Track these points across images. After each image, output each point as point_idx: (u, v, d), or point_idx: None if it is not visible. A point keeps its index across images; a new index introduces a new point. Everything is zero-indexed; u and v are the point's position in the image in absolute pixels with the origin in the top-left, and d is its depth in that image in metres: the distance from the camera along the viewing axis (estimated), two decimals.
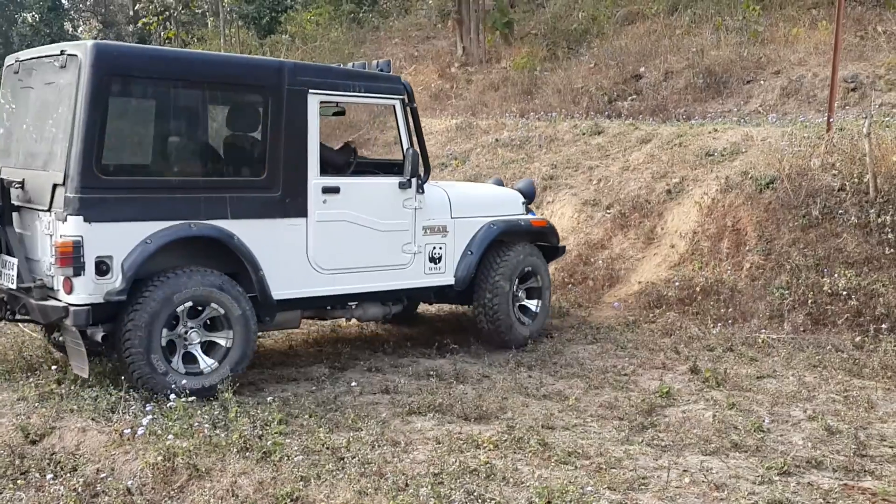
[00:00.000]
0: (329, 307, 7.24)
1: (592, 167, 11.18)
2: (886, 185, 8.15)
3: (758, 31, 14.66)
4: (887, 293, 7.71)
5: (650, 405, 6.07)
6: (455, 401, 6.02)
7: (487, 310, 7.80)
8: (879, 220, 8.02)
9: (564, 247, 8.89)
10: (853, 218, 8.19)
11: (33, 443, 5.40)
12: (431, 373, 6.91)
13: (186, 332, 6.18)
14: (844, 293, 7.88)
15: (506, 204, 8.24)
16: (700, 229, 9.31)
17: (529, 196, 8.60)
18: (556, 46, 17.22)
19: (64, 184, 5.73)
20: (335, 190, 6.86)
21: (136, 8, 27.48)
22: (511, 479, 4.69)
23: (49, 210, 5.87)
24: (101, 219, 5.77)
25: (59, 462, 5.14)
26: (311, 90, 6.71)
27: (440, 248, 7.59)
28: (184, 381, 5.97)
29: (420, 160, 7.29)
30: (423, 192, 7.39)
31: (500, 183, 9.01)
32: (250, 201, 6.43)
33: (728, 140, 10.38)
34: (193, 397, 5.80)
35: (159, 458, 4.92)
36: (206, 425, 5.36)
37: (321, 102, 6.83)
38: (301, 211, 6.68)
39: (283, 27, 22.72)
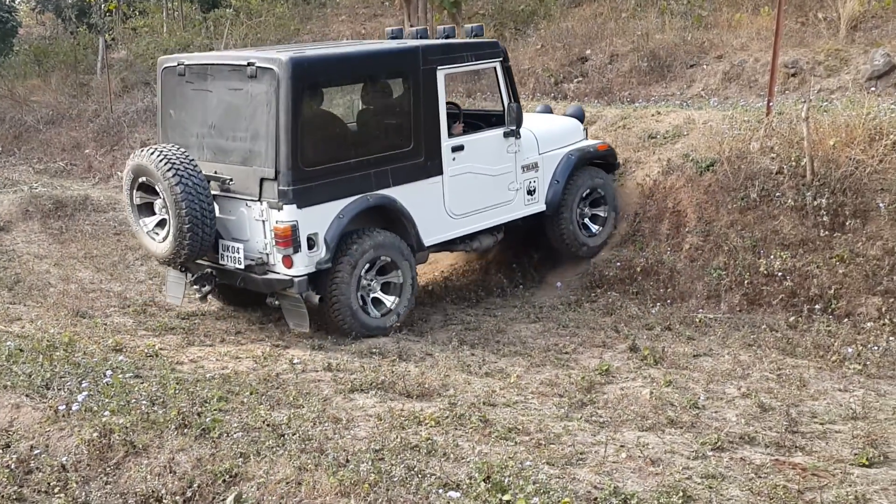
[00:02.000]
0: (456, 243, 8.47)
1: None
2: (823, 168, 8.30)
3: (702, 15, 14.80)
4: (821, 274, 7.88)
5: (590, 382, 6.15)
6: (398, 378, 6.05)
7: (558, 227, 9.08)
8: (815, 203, 8.17)
9: (619, 164, 9.80)
10: (790, 200, 8.33)
11: None
12: (374, 350, 6.93)
13: (369, 283, 7.54)
14: (779, 274, 8.03)
15: (573, 133, 9.40)
16: (641, 211, 9.41)
17: (581, 120, 9.72)
18: (503, 27, 17.22)
19: (275, 178, 6.88)
20: (461, 148, 8.05)
21: None
22: (451, 455, 4.72)
23: (259, 200, 7.00)
24: (308, 203, 6.98)
25: None
26: (438, 66, 7.83)
27: (534, 181, 8.81)
28: (370, 322, 7.46)
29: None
30: (519, 136, 8.52)
31: (549, 109, 10.40)
32: (404, 169, 7.63)
33: (670, 123, 10.48)
34: (376, 336, 7.33)
35: (95, 434, 4.88)
36: (144, 402, 5.32)
37: (445, 75, 7.93)
38: (438, 170, 7.89)
39: (227, 1, 22.39)
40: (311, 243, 7.06)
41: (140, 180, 7.23)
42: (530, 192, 8.78)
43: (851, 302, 7.67)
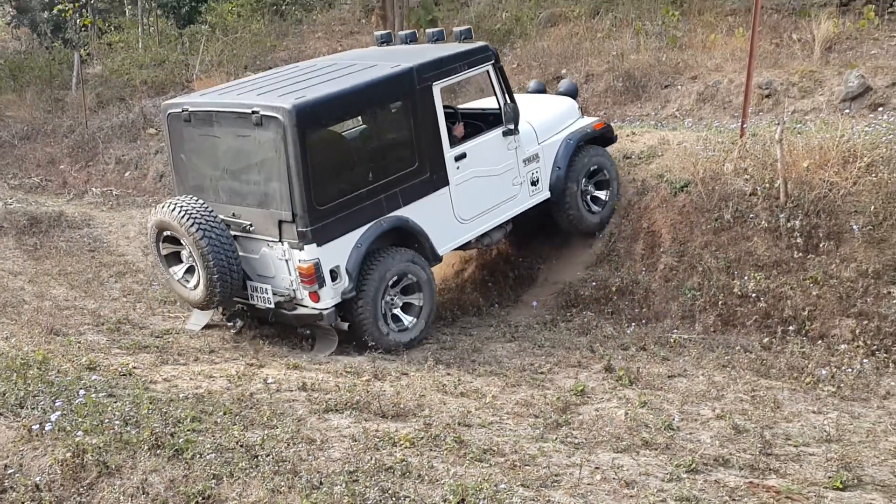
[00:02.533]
0: (469, 243, 8.71)
1: None
2: (796, 190, 8.37)
3: (676, 36, 14.92)
4: (795, 296, 7.94)
5: (565, 403, 6.14)
6: (373, 398, 6.01)
7: (564, 211, 9.30)
8: (789, 225, 8.24)
9: (617, 136, 10.07)
10: (763, 222, 8.40)
11: None
12: (350, 370, 6.89)
13: (392, 299, 7.86)
14: (753, 295, 8.09)
15: (569, 114, 9.60)
16: (616, 230, 9.46)
17: (575, 96, 9.97)
18: None
19: (293, 221, 7.15)
20: (463, 156, 8.23)
21: None
22: (426, 477, 4.70)
23: (280, 241, 7.30)
24: (327, 240, 7.29)
25: None
26: (433, 83, 7.96)
27: (536, 171, 9.02)
28: (398, 337, 7.80)
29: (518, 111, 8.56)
30: (518, 132, 8.64)
31: (542, 86, 10.59)
32: (412, 188, 7.84)
33: (645, 143, 10.56)
34: (405, 348, 7.73)
35: (68, 454, 4.82)
36: (117, 422, 5.27)
37: (441, 89, 8.06)
38: (444, 181, 8.09)
39: (202, 17, 22.36)
40: (334, 275, 7.39)
41: (165, 233, 7.54)
42: (534, 183, 8.98)
43: (825, 324, 7.73)
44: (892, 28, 13.59)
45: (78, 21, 23.77)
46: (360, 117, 8.00)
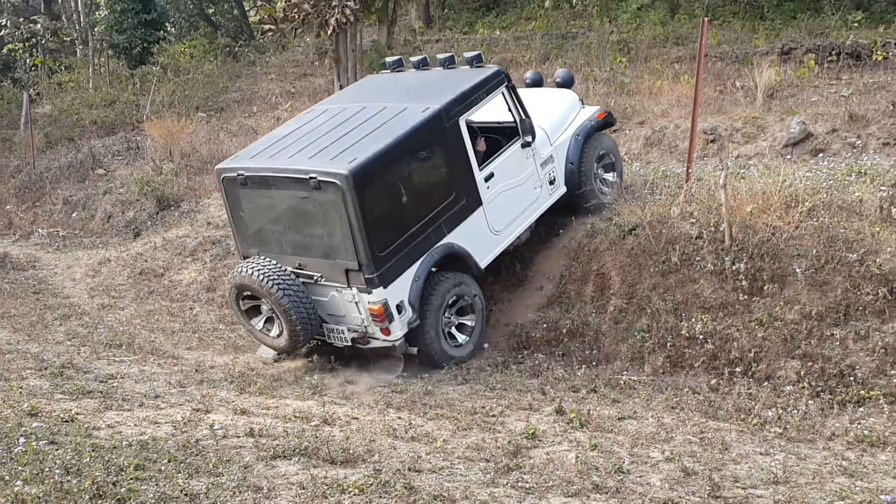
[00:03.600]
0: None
1: None
2: (741, 234, 8.50)
3: (624, 82, 15.19)
4: (741, 337, 8.03)
5: (516, 446, 6.13)
6: (322, 443, 5.95)
7: (583, 198, 9.92)
8: (734, 268, 8.36)
9: (616, 119, 10.92)
10: (709, 265, 8.52)
11: None
12: (299, 415, 6.81)
13: (449, 318, 8.69)
14: (701, 337, 8.17)
15: (573, 108, 10.28)
16: (567, 273, 9.52)
17: (571, 85, 10.71)
18: None
19: (360, 269, 7.89)
20: (491, 175, 8.88)
21: (0, 33, 26.48)
22: None
23: (349, 286, 8.03)
24: (390, 280, 8.03)
25: None
26: (459, 117, 8.53)
27: (553, 171, 9.68)
28: (455, 352, 8.67)
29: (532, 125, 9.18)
30: (534, 140, 9.24)
31: (539, 77, 11.34)
32: (452, 216, 8.53)
33: None
34: (461, 363, 8.56)
35: None
36: (58, 470, 5.15)
37: (466, 121, 8.63)
38: (478, 202, 8.77)
39: (154, 58, 22.30)
40: (400, 309, 8.13)
41: (244, 293, 8.37)
42: (551, 182, 9.63)
43: (771, 365, 7.82)
44: (831, 76, 13.98)
45: (28, 61, 23.57)
46: (403, 165, 8.19)
